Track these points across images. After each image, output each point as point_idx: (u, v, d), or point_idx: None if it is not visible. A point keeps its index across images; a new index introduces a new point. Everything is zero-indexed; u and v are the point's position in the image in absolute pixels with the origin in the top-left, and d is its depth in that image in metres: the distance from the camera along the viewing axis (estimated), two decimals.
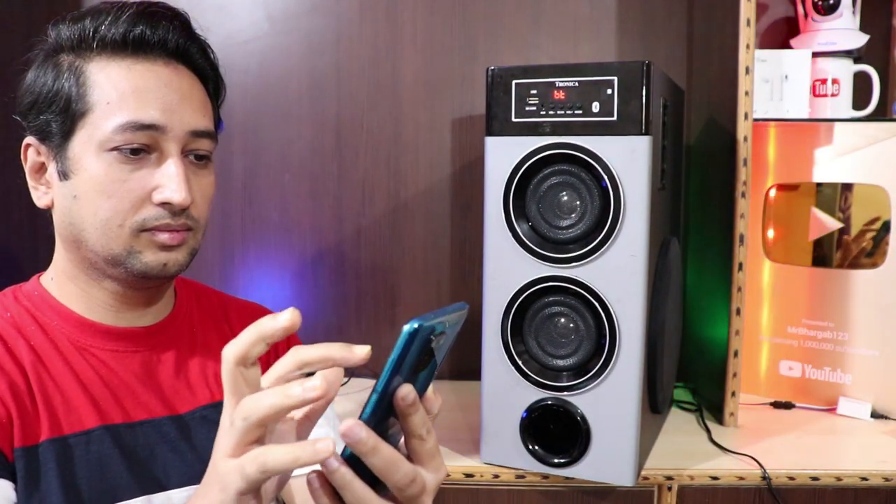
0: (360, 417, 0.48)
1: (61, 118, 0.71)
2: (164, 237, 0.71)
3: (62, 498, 0.68)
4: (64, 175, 0.72)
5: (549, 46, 1.50)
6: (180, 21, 0.75)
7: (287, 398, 0.48)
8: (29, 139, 0.74)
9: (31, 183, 0.75)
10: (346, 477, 0.49)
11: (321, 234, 1.53)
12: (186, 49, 0.75)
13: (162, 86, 0.71)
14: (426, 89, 1.50)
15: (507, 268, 1.03)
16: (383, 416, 0.50)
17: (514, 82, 1.00)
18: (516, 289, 1.02)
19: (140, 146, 0.70)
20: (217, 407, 0.80)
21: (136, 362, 0.77)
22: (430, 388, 0.54)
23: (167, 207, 0.71)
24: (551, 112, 0.99)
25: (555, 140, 0.99)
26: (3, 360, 0.70)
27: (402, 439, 0.53)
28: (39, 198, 0.75)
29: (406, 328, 0.47)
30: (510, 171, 1.01)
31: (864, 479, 1.06)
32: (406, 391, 0.50)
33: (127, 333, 0.77)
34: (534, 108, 1.00)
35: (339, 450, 0.49)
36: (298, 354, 0.51)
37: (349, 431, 0.47)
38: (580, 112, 0.97)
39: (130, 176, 0.70)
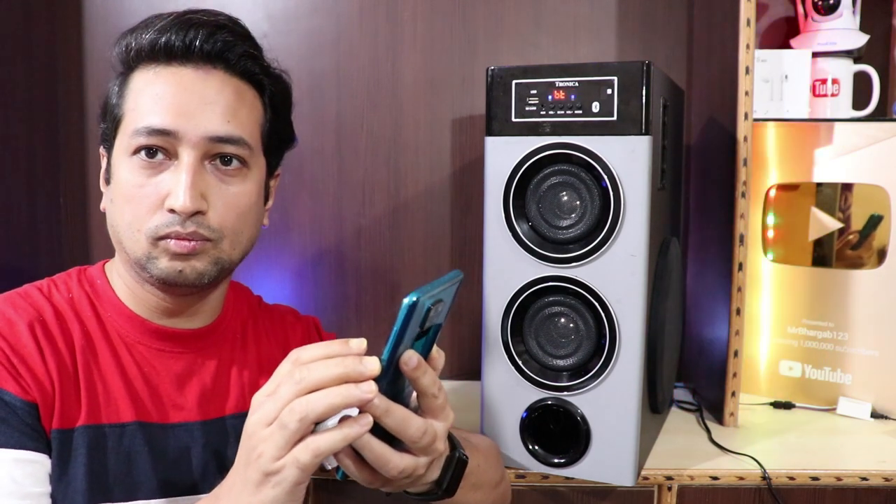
0: None
1: (109, 126, 0.74)
2: (171, 244, 0.71)
3: (86, 485, 0.68)
4: (107, 180, 0.75)
5: (549, 46, 1.49)
6: (217, 26, 0.74)
7: (346, 398, 0.52)
8: (101, 148, 0.78)
9: (102, 188, 0.78)
10: (363, 437, 0.54)
11: (321, 234, 1.53)
12: (221, 53, 0.74)
13: (181, 90, 0.71)
14: (426, 89, 1.50)
15: (507, 268, 1.02)
16: (392, 381, 0.56)
17: (514, 82, 1.00)
18: (516, 289, 1.02)
19: (155, 148, 0.70)
20: (241, 417, 0.82)
21: (180, 364, 0.78)
22: (434, 348, 0.60)
23: (175, 214, 0.71)
24: (551, 112, 0.99)
25: (555, 140, 0.99)
26: (58, 340, 0.71)
27: (415, 395, 0.59)
28: (102, 203, 0.78)
29: (405, 301, 0.52)
30: (510, 171, 1.01)
31: (864, 479, 1.06)
32: (408, 356, 0.56)
33: (175, 335, 0.78)
34: (534, 108, 0.99)
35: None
36: (299, 356, 0.55)
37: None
38: (580, 112, 0.97)
39: (147, 181, 0.71)
